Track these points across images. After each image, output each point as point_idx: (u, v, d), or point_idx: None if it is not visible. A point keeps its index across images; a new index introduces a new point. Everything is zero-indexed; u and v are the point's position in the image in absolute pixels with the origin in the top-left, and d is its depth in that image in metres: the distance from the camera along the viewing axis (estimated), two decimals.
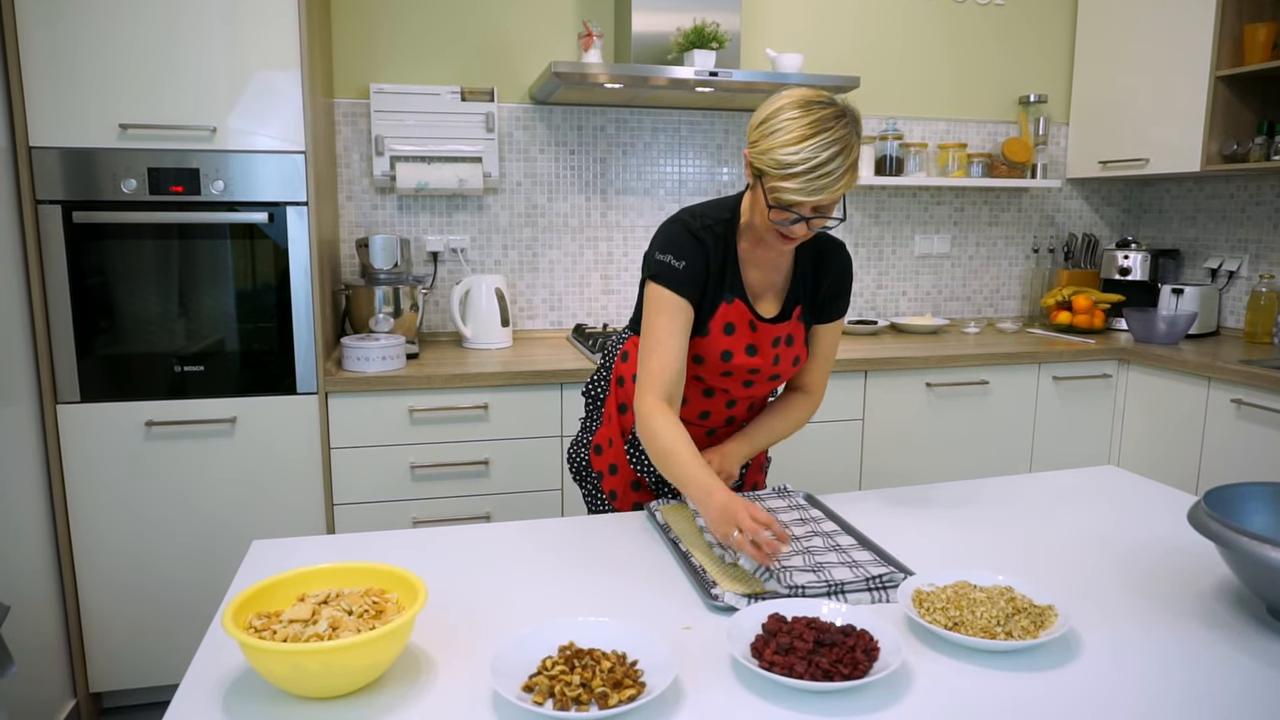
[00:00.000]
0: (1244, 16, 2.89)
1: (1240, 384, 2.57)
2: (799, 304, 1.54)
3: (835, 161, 1.29)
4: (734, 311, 1.48)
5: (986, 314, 3.63)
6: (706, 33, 2.68)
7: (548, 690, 0.92)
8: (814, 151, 1.28)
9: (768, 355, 1.52)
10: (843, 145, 1.30)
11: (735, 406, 1.61)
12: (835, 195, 1.33)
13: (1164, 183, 3.60)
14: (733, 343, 1.49)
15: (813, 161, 1.28)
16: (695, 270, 1.45)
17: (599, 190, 3.13)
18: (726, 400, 1.59)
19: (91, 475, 2.26)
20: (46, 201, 2.15)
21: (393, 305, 2.64)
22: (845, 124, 1.31)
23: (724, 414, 1.61)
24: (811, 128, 1.29)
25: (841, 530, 1.41)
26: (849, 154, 1.31)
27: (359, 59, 2.88)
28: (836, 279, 1.55)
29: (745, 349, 1.50)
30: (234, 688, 0.97)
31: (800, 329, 1.55)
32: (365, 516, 2.43)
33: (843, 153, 1.30)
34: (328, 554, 1.35)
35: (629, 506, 1.69)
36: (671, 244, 1.46)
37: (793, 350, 1.55)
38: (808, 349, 1.59)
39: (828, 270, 1.54)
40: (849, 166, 1.31)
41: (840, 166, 1.30)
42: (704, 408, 1.59)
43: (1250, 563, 1.07)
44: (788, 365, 1.56)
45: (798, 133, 1.29)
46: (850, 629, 1.02)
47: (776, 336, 1.52)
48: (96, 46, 2.12)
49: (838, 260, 1.55)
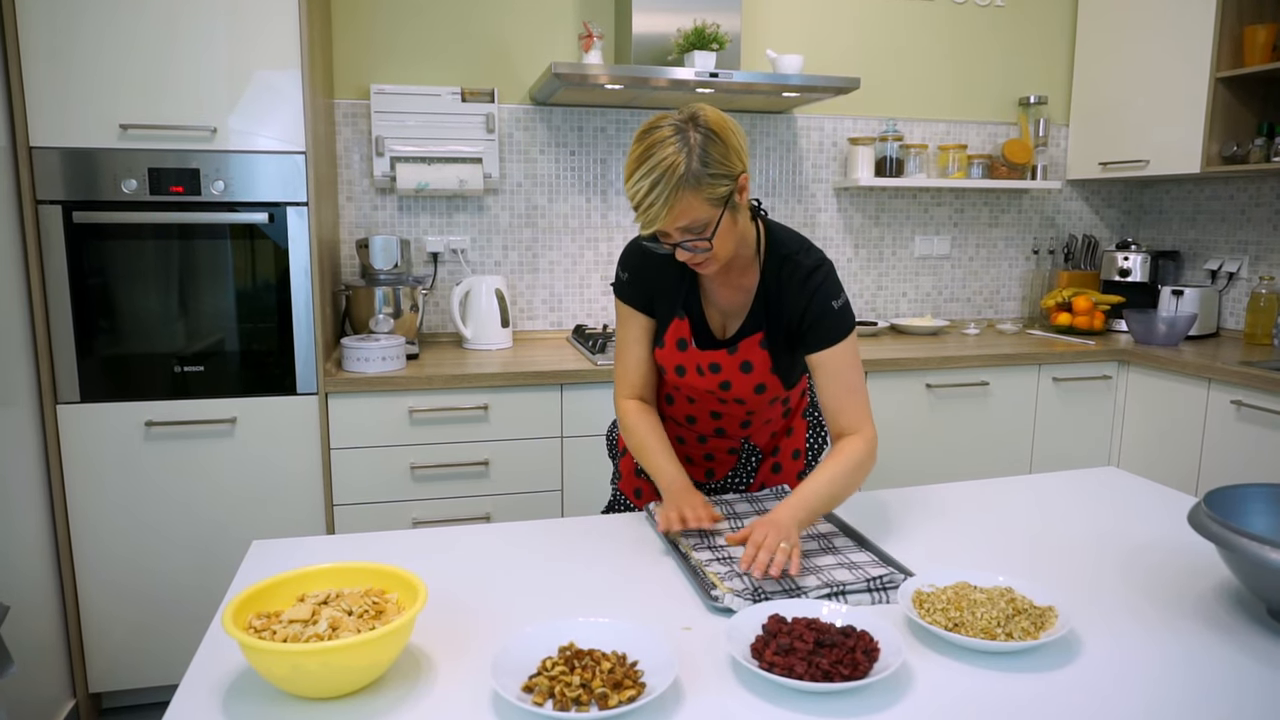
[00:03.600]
0: (1244, 18, 2.89)
1: (1240, 385, 2.57)
2: (760, 330, 1.45)
3: (654, 192, 1.24)
4: (684, 327, 1.48)
5: (986, 315, 3.63)
6: (707, 34, 2.68)
7: (548, 691, 0.92)
8: (636, 185, 1.26)
9: (714, 379, 1.48)
10: (663, 172, 1.23)
11: (721, 419, 1.57)
12: (672, 223, 1.27)
13: (1164, 184, 3.60)
14: (684, 359, 1.49)
15: (638, 196, 1.26)
16: (638, 281, 1.49)
17: (599, 191, 3.13)
18: (709, 412, 1.57)
19: (91, 475, 2.26)
20: (47, 201, 2.15)
21: (393, 306, 2.64)
22: (674, 144, 1.24)
23: (710, 425, 1.59)
24: (637, 161, 1.26)
25: (839, 532, 1.41)
26: (669, 180, 1.23)
27: (359, 59, 2.88)
28: (805, 303, 1.41)
29: (695, 369, 1.49)
30: (234, 688, 0.97)
31: (761, 356, 1.45)
32: (365, 517, 2.43)
33: (661, 181, 1.23)
34: (328, 554, 1.35)
35: (630, 491, 1.74)
36: (623, 257, 1.52)
37: (751, 378, 1.47)
38: (780, 378, 1.49)
39: (789, 295, 1.42)
40: (671, 193, 1.24)
41: (659, 196, 1.24)
42: (688, 412, 1.59)
43: (1250, 564, 1.07)
44: (747, 392, 1.48)
45: (630, 166, 1.28)
46: (850, 630, 1.02)
47: (716, 362, 1.46)
48: (97, 46, 2.12)
49: (802, 285, 1.41)
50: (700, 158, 1.25)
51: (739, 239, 1.38)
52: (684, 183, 1.24)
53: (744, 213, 1.37)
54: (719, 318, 1.50)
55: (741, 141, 1.30)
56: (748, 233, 1.42)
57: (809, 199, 3.33)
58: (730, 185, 1.28)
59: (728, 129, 1.28)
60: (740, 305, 1.48)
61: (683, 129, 1.26)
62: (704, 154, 1.25)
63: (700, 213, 1.27)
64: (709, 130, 1.26)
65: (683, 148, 1.24)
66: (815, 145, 3.31)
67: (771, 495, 1.58)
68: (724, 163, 1.27)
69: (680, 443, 1.64)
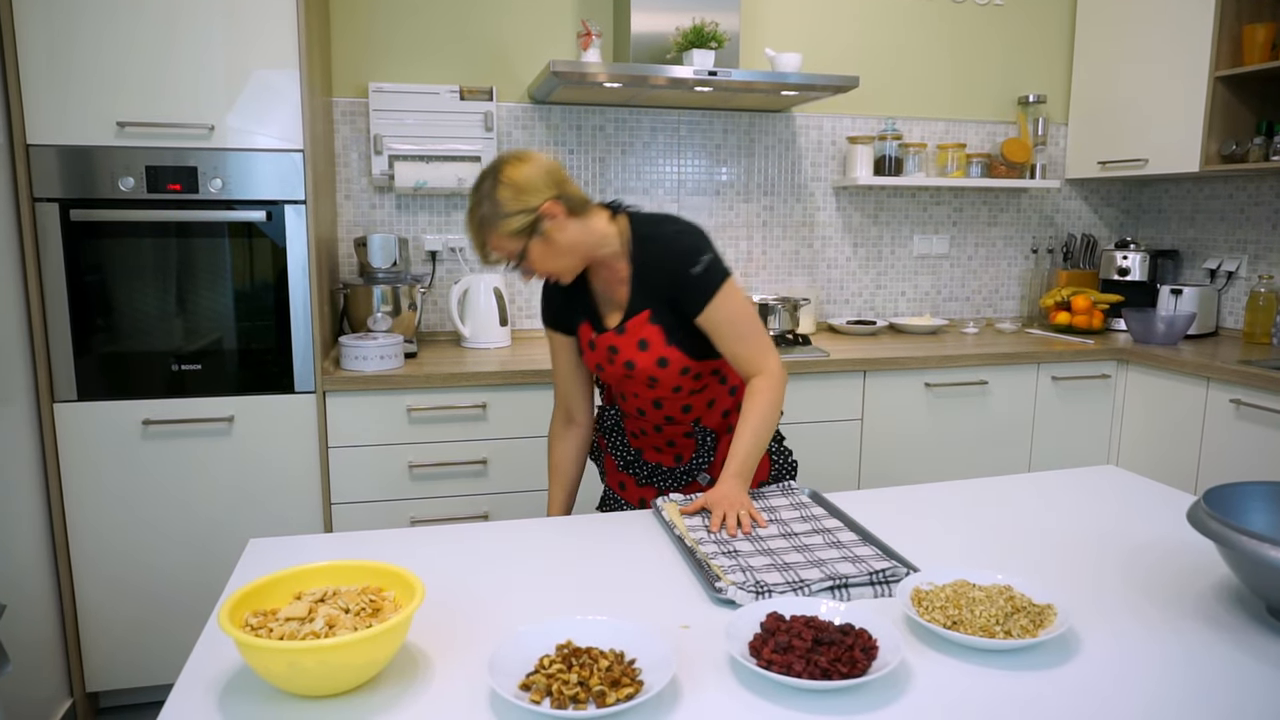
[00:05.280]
0: (1243, 17, 2.89)
1: (1239, 384, 2.57)
2: (645, 308, 1.58)
3: (478, 238, 1.50)
4: (587, 329, 1.66)
5: (985, 314, 3.63)
6: (705, 32, 2.68)
7: (545, 689, 0.91)
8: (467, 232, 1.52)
9: (619, 361, 1.62)
10: (471, 219, 1.49)
11: (663, 408, 1.69)
12: (489, 256, 1.52)
13: (1163, 183, 3.60)
14: (597, 356, 1.65)
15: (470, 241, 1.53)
16: (550, 306, 1.72)
17: (598, 190, 3.13)
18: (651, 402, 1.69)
19: (88, 474, 2.25)
20: (44, 199, 2.14)
21: (391, 304, 2.64)
22: (476, 195, 1.49)
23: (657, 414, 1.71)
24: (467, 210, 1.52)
25: (845, 526, 1.42)
26: (474, 224, 1.49)
27: (357, 58, 2.88)
28: (671, 272, 1.54)
29: (605, 359, 1.64)
30: (230, 686, 0.97)
31: (653, 331, 1.58)
32: (363, 516, 2.43)
33: (479, 227, 1.48)
34: (325, 552, 1.34)
35: (616, 486, 1.85)
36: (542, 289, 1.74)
37: (649, 354, 1.59)
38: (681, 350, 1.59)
39: (657, 270, 1.56)
40: (475, 234, 1.50)
41: (480, 238, 1.50)
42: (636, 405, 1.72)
43: (1250, 562, 1.07)
44: (650, 366, 1.60)
45: None
46: (849, 628, 1.02)
47: (614, 345, 1.61)
48: (95, 44, 2.11)
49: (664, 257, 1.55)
50: (491, 205, 1.47)
51: (572, 250, 1.53)
52: (483, 226, 1.48)
53: (569, 229, 1.51)
54: (614, 313, 1.65)
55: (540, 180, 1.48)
56: (597, 235, 1.56)
57: (807, 198, 3.33)
58: (528, 218, 1.47)
59: (522, 174, 1.47)
60: (618, 296, 1.63)
61: (483, 181, 1.49)
62: (494, 200, 1.46)
63: (508, 245, 1.49)
64: (500, 180, 1.47)
65: (481, 198, 1.48)
66: (814, 144, 3.30)
67: (777, 491, 1.58)
68: (515, 202, 1.46)
69: (643, 434, 1.76)
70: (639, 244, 1.57)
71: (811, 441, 2.72)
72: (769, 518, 1.46)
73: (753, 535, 1.38)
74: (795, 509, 1.50)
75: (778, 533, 1.40)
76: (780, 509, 1.50)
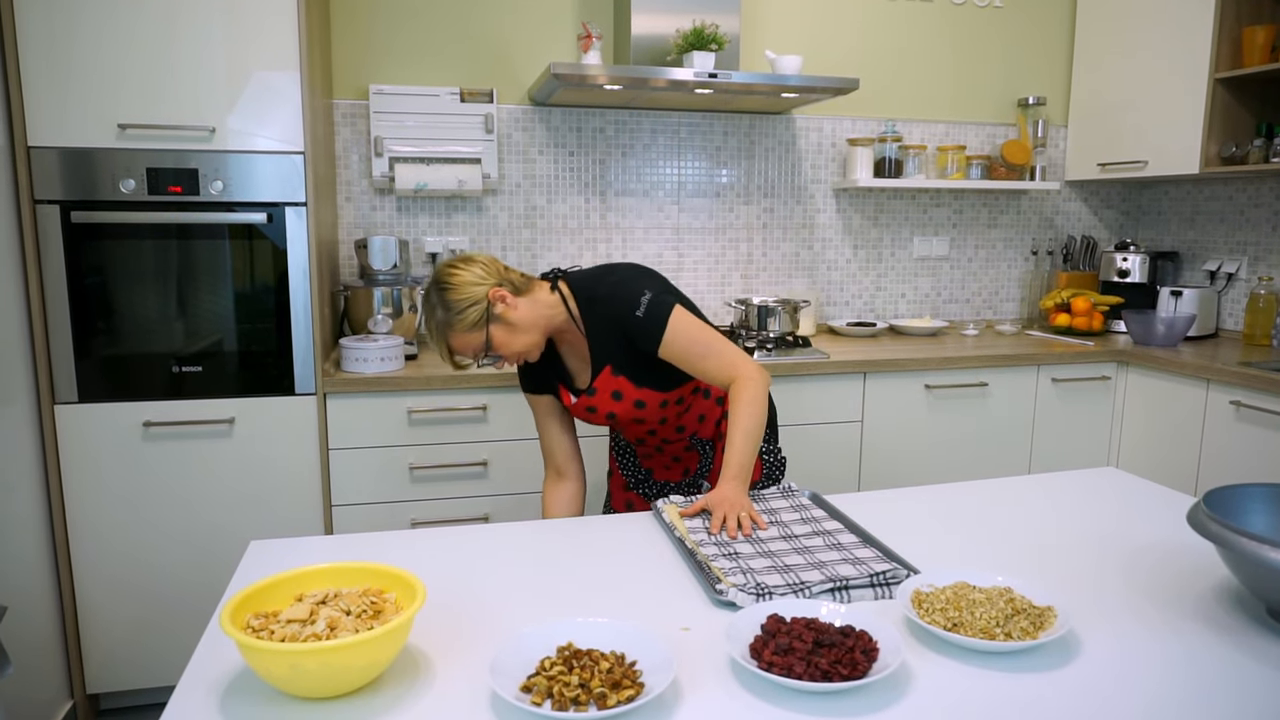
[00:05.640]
0: (1243, 19, 2.89)
1: (1239, 386, 2.57)
2: (605, 364, 1.64)
3: (442, 344, 1.58)
4: (565, 394, 1.73)
5: (985, 316, 3.63)
6: (706, 34, 2.68)
7: (546, 691, 0.91)
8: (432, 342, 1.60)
9: (601, 414, 1.69)
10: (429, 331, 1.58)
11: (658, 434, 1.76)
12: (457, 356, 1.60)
13: (1163, 185, 3.61)
14: (578, 414, 1.73)
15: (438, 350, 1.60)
16: (525, 374, 1.75)
17: (598, 192, 3.13)
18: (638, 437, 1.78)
19: (89, 476, 2.26)
20: (45, 201, 2.15)
21: (391, 306, 2.64)
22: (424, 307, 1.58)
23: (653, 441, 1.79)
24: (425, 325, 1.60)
25: (844, 528, 1.42)
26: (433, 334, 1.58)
27: (358, 60, 2.88)
28: (619, 322, 1.60)
29: (586, 416, 1.70)
30: (231, 688, 0.97)
31: (621, 382, 1.64)
32: (363, 518, 2.43)
33: (441, 333, 1.56)
34: (326, 554, 1.35)
35: (622, 506, 1.88)
36: None
37: (624, 402, 1.66)
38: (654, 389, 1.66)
39: (607, 324, 1.62)
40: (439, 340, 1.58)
41: (444, 343, 1.58)
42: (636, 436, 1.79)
43: (1250, 564, 1.07)
44: (630, 411, 1.67)
45: None
46: (849, 629, 1.02)
47: (592, 405, 1.68)
48: (95, 46, 2.11)
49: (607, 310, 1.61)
50: (444, 309, 1.55)
51: (531, 325, 1.60)
52: (443, 330, 1.56)
53: (521, 307, 1.59)
54: (584, 370, 1.71)
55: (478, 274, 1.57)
56: (546, 307, 1.63)
57: (808, 200, 3.33)
58: (479, 309, 1.55)
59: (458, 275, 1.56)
60: (582, 357, 1.69)
61: (428, 294, 1.57)
62: (445, 304, 1.55)
63: (471, 340, 1.56)
64: (442, 284, 1.55)
65: (432, 307, 1.57)
66: (814, 146, 3.31)
67: (778, 493, 1.59)
68: (460, 299, 1.54)
69: (648, 458, 1.84)
70: (584, 307, 1.63)
71: (811, 443, 2.72)
72: (769, 519, 1.46)
73: (753, 538, 1.38)
74: (795, 511, 1.50)
75: (778, 535, 1.40)
76: (780, 511, 1.50)
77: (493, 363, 1.61)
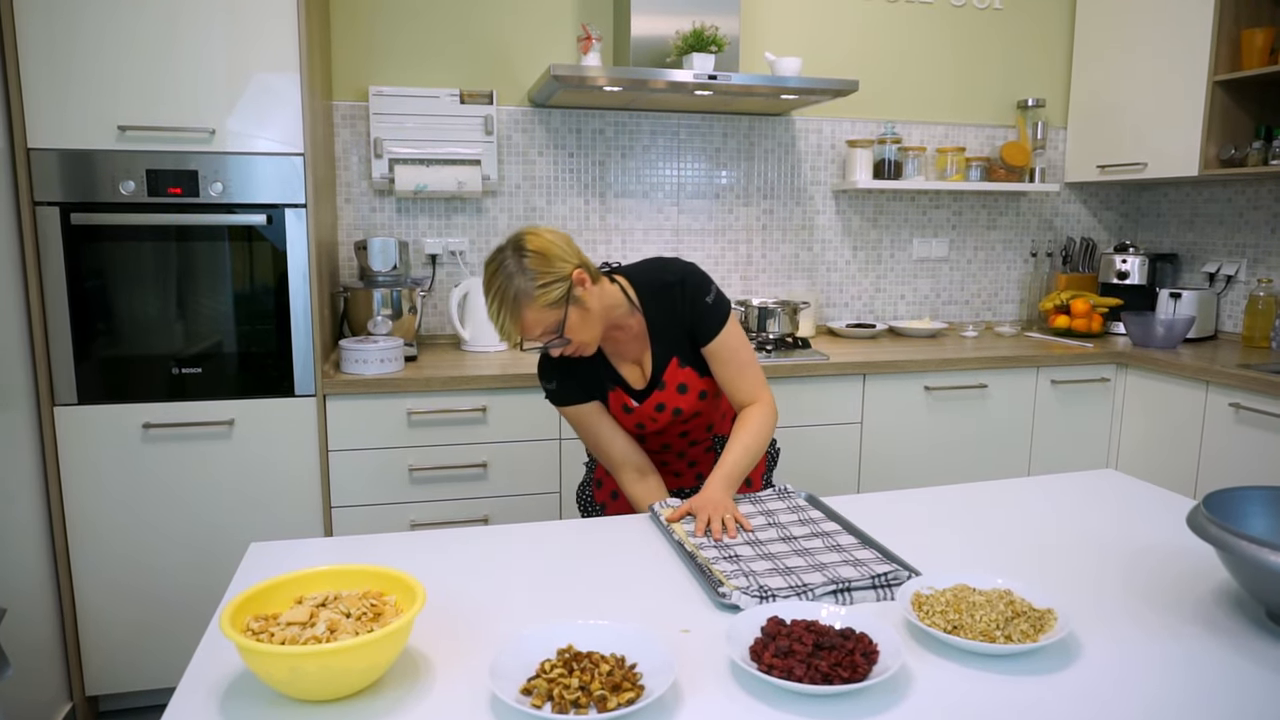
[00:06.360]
0: (1242, 21, 2.90)
1: (1238, 388, 2.58)
2: (671, 356, 1.61)
3: (501, 316, 1.45)
4: (619, 396, 1.65)
5: (985, 318, 3.63)
6: (705, 36, 2.68)
7: (546, 693, 0.91)
8: (488, 310, 1.47)
9: (667, 412, 1.64)
10: (499, 299, 1.44)
11: (690, 435, 1.73)
12: (525, 334, 1.46)
13: (1162, 187, 3.61)
14: (635, 417, 1.66)
15: (492, 319, 1.47)
16: (567, 382, 1.65)
17: (598, 193, 3.13)
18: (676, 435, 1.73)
19: (89, 478, 2.25)
20: (44, 203, 2.15)
21: (391, 308, 2.64)
22: (504, 271, 1.44)
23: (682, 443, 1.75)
24: (484, 289, 1.47)
25: (843, 530, 1.42)
26: (504, 303, 1.44)
27: (358, 61, 2.88)
28: (686, 311, 1.59)
29: (648, 419, 1.65)
30: (231, 690, 0.97)
31: (688, 373, 1.62)
32: (363, 519, 2.43)
33: (502, 306, 1.44)
34: (326, 556, 1.35)
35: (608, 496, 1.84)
36: (541, 372, 1.68)
37: (691, 394, 1.64)
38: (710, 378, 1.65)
39: (673, 315, 1.60)
40: (512, 312, 1.44)
41: (504, 317, 1.45)
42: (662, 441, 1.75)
43: (1250, 567, 1.07)
44: (694, 403, 1.65)
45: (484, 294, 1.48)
46: (849, 632, 1.02)
47: (660, 402, 1.63)
48: (95, 48, 2.11)
49: (679, 299, 1.59)
50: (524, 278, 1.43)
51: (600, 317, 1.52)
52: (518, 301, 1.43)
53: (594, 295, 1.51)
54: (636, 370, 1.66)
55: (564, 248, 1.48)
56: (611, 298, 1.56)
57: (807, 201, 3.34)
58: (563, 286, 1.45)
59: (545, 242, 1.46)
60: (641, 349, 1.64)
61: (508, 256, 1.45)
62: (526, 273, 1.43)
63: (546, 318, 1.45)
64: (527, 251, 1.44)
65: (507, 274, 1.43)
66: (813, 148, 3.31)
67: (774, 495, 1.59)
68: (549, 272, 1.44)
69: (664, 465, 1.79)
70: (648, 298, 1.60)
71: (811, 444, 2.72)
72: (768, 521, 1.46)
73: (753, 540, 1.38)
74: (793, 513, 1.50)
75: (777, 536, 1.40)
76: (778, 513, 1.50)
77: (555, 347, 1.50)
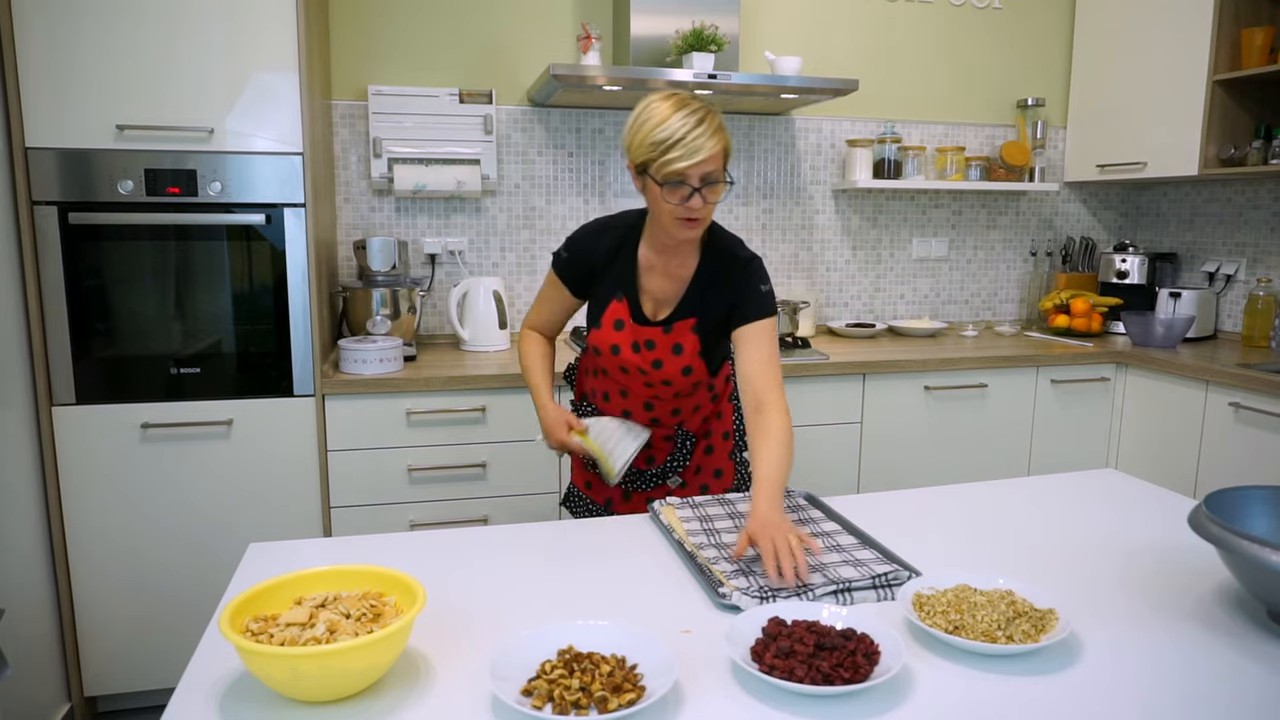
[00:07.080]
0: (1241, 20, 2.89)
1: (1238, 387, 2.58)
2: (692, 315, 1.60)
3: (702, 125, 1.42)
4: (621, 309, 1.62)
5: (984, 317, 3.63)
6: (705, 35, 2.68)
7: (547, 694, 0.91)
8: (682, 120, 1.43)
9: (648, 356, 1.62)
10: (705, 113, 1.44)
11: (654, 409, 1.70)
12: (713, 153, 1.43)
13: (1161, 186, 3.61)
14: (620, 338, 1.62)
15: (685, 128, 1.42)
16: (580, 261, 1.67)
17: (597, 193, 3.13)
18: (643, 402, 1.70)
19: (87, 478, 2.25)
20: (43, 202, 2.14)
21: (390, 307, 2.63)
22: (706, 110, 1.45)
23: (645, 415, 1.71)
24: (674, 107, 1.44)
25: (843, 530, 1.41)
26: (713, 120, 1.44)
27: (357, 60, 2.87)
28: (739, 286, 1.58)
29: (630, 345, 1.62)
30: (230, 692, 0.96)
31: (691, 340, 1.60)
32: (362, 519, 2.43)
33: (706, 119, 1.43)
34: (325, 557, 1.34)
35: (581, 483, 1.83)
36: (573, 238, 1.71)
37: (680, 359, 1.61)
38: (704, 363, 1.63)
39: (724, 286, 1.59)
40: (715, 128, 1.43)
41: (707, 129, 1.43)
42: (623, 406, 1.71)
43: (1251, 566, 1.07)
44: (675, 373, 1.62)
45: (663, 112, 1.45)
46: (851, 633, 1.02)
47: (651, 339, 1.61)
48: (94, 47, 2.11)
49: (739, 272, 1.59)
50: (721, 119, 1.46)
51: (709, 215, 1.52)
52: (721, 125, 1.45)
53: None
54: (652, 304, 1.63)
55: None
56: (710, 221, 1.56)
57: (807, 201, 3.33)
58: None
59: None
60: (674, 293, 1.62)
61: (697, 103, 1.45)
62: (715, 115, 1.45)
63: (723, 157, 1.46)
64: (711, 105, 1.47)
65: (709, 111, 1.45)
66: (813, 147, 3.31)
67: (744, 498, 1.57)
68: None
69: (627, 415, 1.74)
70: (714, 253, 1.60)
71: (811, 444, 2.72)
72: None
73: None
74: (792, 512, 1.50)
75: None
76: None
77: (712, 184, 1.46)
